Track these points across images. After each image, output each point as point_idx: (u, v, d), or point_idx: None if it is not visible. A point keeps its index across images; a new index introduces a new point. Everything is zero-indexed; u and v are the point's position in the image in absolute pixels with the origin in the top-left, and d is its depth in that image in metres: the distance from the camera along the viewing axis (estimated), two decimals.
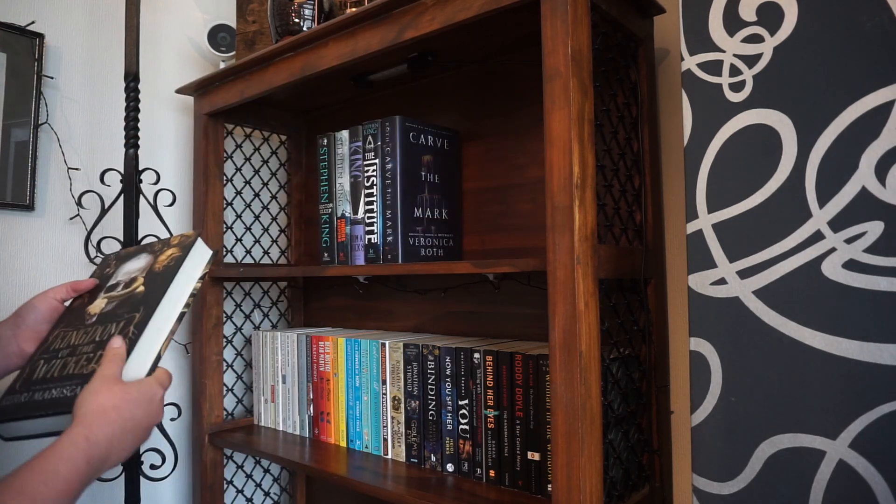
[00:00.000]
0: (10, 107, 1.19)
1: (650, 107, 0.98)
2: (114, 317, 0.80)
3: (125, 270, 0.88)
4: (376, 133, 1.11)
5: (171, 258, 0.84)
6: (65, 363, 0.77)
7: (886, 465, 0.59)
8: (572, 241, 0.75)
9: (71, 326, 0.83)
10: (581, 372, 0.75)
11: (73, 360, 0.76)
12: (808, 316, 0.64)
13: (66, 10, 1.30)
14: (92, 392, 0.66)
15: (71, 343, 0.80)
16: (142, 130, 1.29)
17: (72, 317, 0.86)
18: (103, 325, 0.79)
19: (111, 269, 0.92)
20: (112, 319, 0.79)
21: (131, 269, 0.88)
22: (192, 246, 0.85)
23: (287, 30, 1.15)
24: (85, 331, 0.80)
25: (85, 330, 0.81)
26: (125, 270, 0.88)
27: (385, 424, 1.12)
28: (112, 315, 0.80)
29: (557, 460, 0.76)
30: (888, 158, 0.60)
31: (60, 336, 0.82)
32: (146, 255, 0.89)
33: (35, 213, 1.25)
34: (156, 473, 1.26)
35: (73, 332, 0.82)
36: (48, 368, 0.78)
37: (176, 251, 0.85)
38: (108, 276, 0.90)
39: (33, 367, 0.80)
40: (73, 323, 0.84)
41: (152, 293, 0.80)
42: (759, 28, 0.68)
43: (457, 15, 0.88)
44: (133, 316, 0.78)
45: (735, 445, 0.67)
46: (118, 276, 0.88)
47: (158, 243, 0.91)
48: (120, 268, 0.90)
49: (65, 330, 0.83)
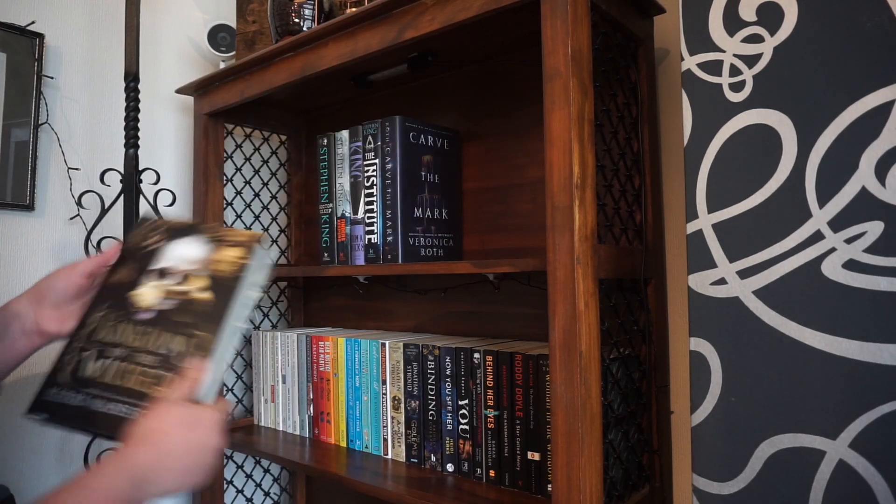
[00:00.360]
0: (10, 107, 1.19)
1: (650, 107, 0.98)
2: (178, 327, 0.71)
3: (177, 255, 0.76)
4: (376, 133, 1.11)
5: (237, 262, 0.73)
6: (123, 371, 0.69)
7: (886, 464, 0.59)
8: (572, 241, 0.75)
9: (119, 315, 0.73)
10: (581, 372, 0.75)
11: (133, 371, 0.69)
12: (808, 316, 0.63)
13: (66, 10, 1.30)
14: (147, 416, 0.63)
15: (125, 342, 0.71)
16: (142, 130, 1.29)
17: (115, 300, 0.75)
18: (166, 332, 0.71)
19: (155, 242, 0.78)
20: (176, 330, 0.71)
21: (185, 255, 0.76)
22: (258, 251, 0.75)
23: (287, 30, 1.15)
24: (142, 331, 0.72)
25: (142, 330, 0.72)
26: (177, 255, 0.76)
27: (385, 424, 1.12)
28: (175, 323, 0.71)
29: (557, 460, 0.76)
30: (888, 158, 0.60)
31: (107, 325, 0.73)
32: (202, 240, 0.76)
33: (35, 213, 1.25)
34: None
35: (124, 324, 0.72)
36: (101, 368, 0.70)
37: (241, 254, 0.74)
38: (151, 252, 0.77)
39: (78, 359, 0.72)
40: (121, 311, 0.74)
41: (221, 306, 0.70)
42: (759, 28, 0.68)
43: (457, 15, 0.88)
44: (205, 336, 0.69)
45: (735, 445, 0.67)
46: (168, 259, 0.76)
47: (212, 229, 0.78)
48: (169, 246, 0.77)
49: (111, 316, 0.73)
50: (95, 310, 0.75)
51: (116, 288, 0.76)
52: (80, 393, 0.70)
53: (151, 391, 0.67)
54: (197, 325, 0.70)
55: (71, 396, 0.70)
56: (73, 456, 1.29)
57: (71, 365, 0.72)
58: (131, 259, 0.78)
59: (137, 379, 0.69)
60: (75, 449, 1.29)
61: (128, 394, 0.68)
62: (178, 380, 0.66)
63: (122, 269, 0.78)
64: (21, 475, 1.22)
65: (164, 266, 0.76)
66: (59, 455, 1.27)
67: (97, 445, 1.24)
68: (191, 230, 0.78)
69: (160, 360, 0.69)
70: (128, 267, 0.77)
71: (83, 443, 1.27)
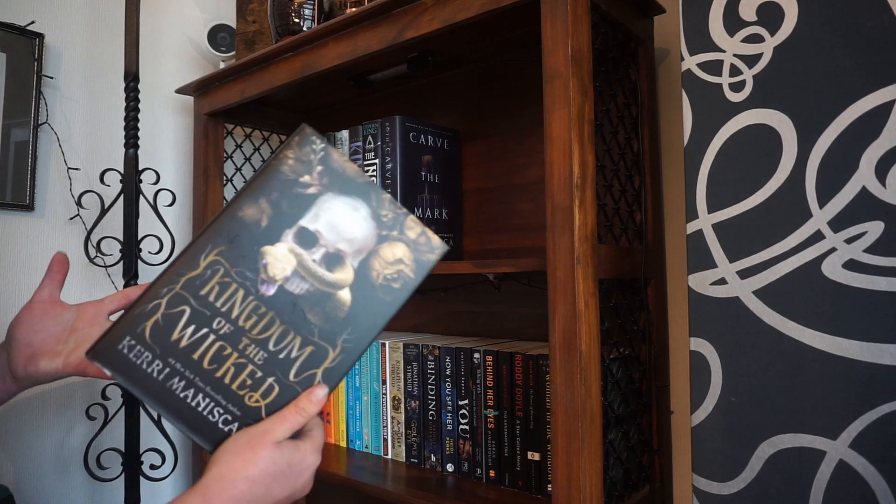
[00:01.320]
0: (9, 107, 1.19)
1: (650, 107, 0.98)
2: (302, 327, 0.56)
3: (333, 220, 0.57)
4: (376, 133, 1.11)
5: (398, 270, 0.57)
6: (220, 355, 0.55)
7: (886, 465, 0.59)
8: (572, 241, 0.75)
9: (238, 272, 0.55)
10: (581, 372, 0.75)
11: (233, 360, 0.55)
12: (808, 316, 0.63)
13: (66, 10, 1.30)
14: (234, 451, 0.53)
15: (233, 314, 0.55)
16: (141, 130, 1.29)
17: (237, 246, 0.56)
18: (284, 323, 0.56)
19: (312, 183, 0.57)
20: (301, 329, 0.56)
21: (343, 227, 0.57)
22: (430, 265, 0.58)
23: (287, 30, 1.15)
24: (257, 308, 0.55)
25: (257, 306, 0.55)
26: (333, 220, 0.57)
27: (385, 424, 1.12)
28: (299, 317, 0.56)
29: (557, 460, 0.76)
30: (888, 158, 0.60)
31: (217, 277, 0.55)
32: (368, 214, 0.57)
33: (35, 213, 1.25)
34: (156, 473, 1.26)
35: (239, 288, 0.55)
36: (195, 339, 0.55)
37: (407, 263, 0.57)
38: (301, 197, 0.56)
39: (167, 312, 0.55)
40: (240, 266, 0.55)
41: (363, 325, 0.56)
42: (760, 28, 0.68)
43: (456, 15, 0.88)
44: (335, 359, 0.56)
45: (735, 445, 0.67)
46: (319, 220, 0.56)
47: (386, 205, 0.58)
48: (326, 199, 0.57)
49: (225, 268, 0.55)
50: (206, 247, 0.56)
51: (245, 227, 0.56)
52: (161, 361, 0.55)
53: (249, 400, 0.55)
54: (325, 334, 0.56)
55: (148, 360, 0.55)
56: (72, 456, 1.29)
57: (156, 315, 0.55)
58: (273, 190, 0.56)
59: (235, 374, 0.55)
60: (75, 449, 1.29)
61: (222, 392, 0.55)
62: (288, 412, 0.55)
63: (258, 200, 0.56)
64: (21, 475, 1.22)
65: (312, 228, 0.56)
66: (58, 455, 1.27)
67: (97, 445, 1.24)
68: (361, 191, 0.57)
69: (267, 360, 0.55)
70: (267, 201, 0.56)
71: (83, 443, 1.27)
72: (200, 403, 0.55)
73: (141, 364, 0.55)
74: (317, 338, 0.56)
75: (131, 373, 0.55)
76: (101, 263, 1.30)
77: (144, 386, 0.55)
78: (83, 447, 1.25)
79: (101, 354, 0.55)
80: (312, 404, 0.55)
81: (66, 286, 1.28)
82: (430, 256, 0.58)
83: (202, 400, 0.55)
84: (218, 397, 0.55)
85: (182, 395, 0.55)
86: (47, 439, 1.26)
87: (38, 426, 1.25)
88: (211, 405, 0.55)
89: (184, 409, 0.55)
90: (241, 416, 0.55)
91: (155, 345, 0.55)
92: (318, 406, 0.55)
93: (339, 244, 0.57)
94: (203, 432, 0.55)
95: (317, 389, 0.56)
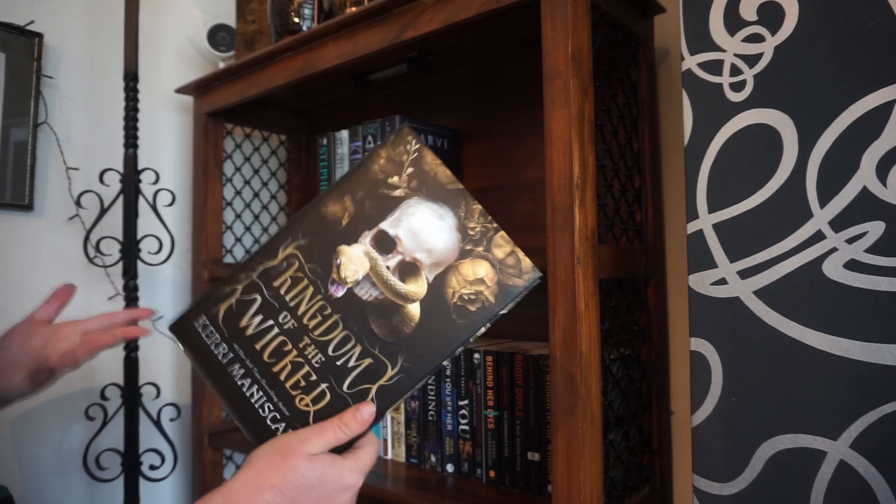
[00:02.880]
0: (9, 106, 1.19)
1: (650, 107, 0.98)
2: (364, 337, 0.53)
3: (415, 226, 0.53)
4: (376, 133, 1.11)
5: (477, 291, 0.53)
6: (280, 350, 0.54)
7: (887, 465, 0.59)
8: (573, 241, 0.75)
9: (312, 269, 0.54)
10: (581, 372, 0.75)
11: (290, 357, 0.53)
12: (808, 316, 0.63)
13: (66, 10, 1.30)
14: (267, 456, 0.50)
15: (300, 311, 0.53)
16: (141, 130, 1.29)
17: (318, 240, 0.54)
18: (347, 335, 0.53)
19: (401, 186, 0.54)
20: (362, 339, 0.53)
21: (424, 241, 0.53)
22: (518, 295, 0.54)
23: (287, 29, 1.15)
24: (322, 308, 0.53)
25: (323, 307, 0.53)
26: (415, 226, 0.53)
27: (385, 424, 1.12)
28: (363, 328, 0.53)
29: (557, 461, 0.76)
30: (889, 158, 0.60)
31: (291, 270, 0.54)
32: (454, 230, 0.54)
33: (34, 213, 1.24)
34: (155, 474, 1.26)
35: (309, 285, 0.54)
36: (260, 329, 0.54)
37: (489, 284, 0.53)
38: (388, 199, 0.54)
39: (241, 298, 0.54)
40: (315, 262, 0.54)
41: (428, 346, 0.52)
42: (760, 27, 0.68)
43: (456, 15, 0.88)
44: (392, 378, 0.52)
45: (736, 446, 0.67)
46: (401, 225, 0.53)
47: (475, 218, 0.54)
48: (413, 204, 0.54)
49: (301, 262, 0.54)
50: (290, 238, 0.54)
51: (325, 224, 0.54)
52: (227, 345, 0.54)
53: (300, 403, 0.53)
54: (387, 349, 0.52)
55: (216, 342, 0.55)
56: (72, 456, 1.28)
57: (231, 299, 0.55)
58: (360, 189, 0.54)
59: (291, 373, 0.53)
60: (74, 449, 1.29)
61: (276, 388, 0.53)
62: (329, 424, 0.52)
63: (343, 198, 0.54)
64: (20, 475, 1.22)
65: (392, 232, 0.54)
66: (58, 455, 1.27)
67: (96, 446, 1.24)
68: (449, 199, 0.54)
69: (324, 364, 0.53)
70: (352, 200, 0.54)
71: (82, 443, 1.27)
72: (254, 395, 0.54)
73: (210, 345, 0.55)
74: (377, 351, 0.53)
75: (201, 351, 0.55)
76: (100, 263, 1.30)
77: (209, 366, 0.55)
78: (82, 447, 1.25)
79: (179, 328, 0.56)
80: (356, 421, 0.52)
81: None
82: (517, 281, 0.53)
83: (256, 392, 0.54)
84: (271, 393, 0.54)
85: (240, 383, 0.54)
86: (46, 439, 1.26)
87: (38, 426, 1.24)
88: (263, 399, 0.54)
89: (238, 398, 0.54)
90: (289, 418, 0.53)
91: (225, 328, 0.55)
92: (361, 425, 0.52)
93: (417, 253, 0.53)
94: (251, 425, 0.54)
95: (364, 406, 0.52)
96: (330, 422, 0.52)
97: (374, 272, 0.53)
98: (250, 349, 0.54)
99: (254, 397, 0.54)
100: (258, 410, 0.54)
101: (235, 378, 0.54)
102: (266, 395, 0.54)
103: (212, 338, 0.55)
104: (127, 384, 1.22)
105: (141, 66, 1.33)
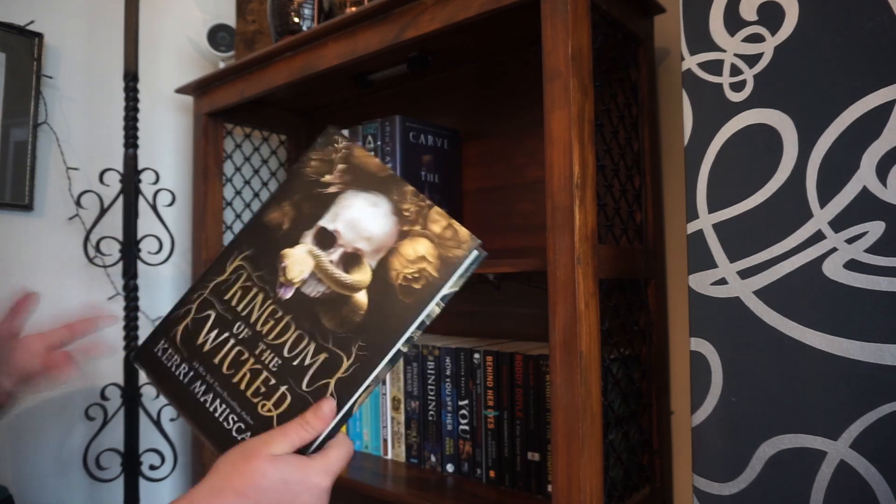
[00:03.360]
0: (9, 106, 1.19)
1: (650, 107, 0.98)
2: (317, 333, 0.53)
3: (353, 221, 0.55)
4: (376, 133, 1.11)
5: (420, 268, 0.53)
6: (238, 360, 0.54)
7: (887, 465, 0.59)
8: (573, 241, 0.75)
9: (259, 276, 0.55)
10: (581, 372, 0.75)
11: (248, 366, 0.54)
12: (808, 316, 0.63)
13: (66, 10, 1.30)
14: (231, 461, 0.50)
15: (252, 318, 0.54)
16: (141, 130, 1.29)
17: (261, 249, 0.56)
18: (298, 329, 0.53)
19: (334, 182, 0.56)
20: (315, 335, 0.53)
21: (363, 230, 0.54)
22: (462, 267, 0.53)
23: (287, 29, 1.15)
24: (274, 312, 0.54)
25: (274, 311, 0.54)
26: (353, 221, 0.55)
27: (385, 425, 1.12)
28: (313, 322, 0.53)
29: (557, 460, 0.76)
30: (889, 158, 0.60)
31: (240, 282, 0.55)
32: (390, 214, 0.54)
33: (34, 213, 1.24)
34: (155, 474, 1.26)
35: (259, 292, 0.55)
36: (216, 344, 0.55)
37: (430, 260, 0.53)
38: (324, 197, 0.56)
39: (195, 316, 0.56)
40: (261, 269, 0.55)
41: (379, 330, 0.52)
42: (760, 27, 0.68)
43: (456, 15, 0.88)
44: (348, 369, 0.51)
45: (736, 446, 0.67)
46: (339, 218, 0.55)
47: (407, 198, 0.55)
48: (348, 197, 0.55)
49: (248, 272, 0.55)
50: (235, 251, 0.56)
51: (268, 232, 0.56)
52: (186, 364, 0.55)
53: (262, 409, 0.53)
54: (340, 341, 0.52)
55: (177, 363, 0.56)
56: (72, 456, 1.28)
57: (186, 319, 0.56)
58: (297, 192, 0.56)
59: (250, 381, 0.54)
60: (74, 449, 1.29)
61: (238, 398, 0.54)
62: (290, 425, 0.51)
63: (281, 204, 0.56)
64: (20, 475, 1.22)
65: (331, 227, 0.55)
66: (58, 455, 1.27)
67: (96, 446, 1.24)
68: (381, 186, 0.55)
69: (281, 367, 0.53)
70: (290, 204, 0.56)
71: (82, 443, 1.27)
72: (217, 409, 0.54)
73: (171, 367, 0.56)
74: (331, 345, 0.52)
75: (162, 375, 0.56)
76: (100, 263, 1.30)
77: (170, 388, 0.55)
78: (82, 447, 1.25)
79: (141, 357, 0.57)
80: (317, 418, 0.51)
81: (67, 287, 1.28)
82: (458, 252, 0.53)
83: (219, 406, 0.54)
84: (234, 404, 0.54)
85: (202, 399, 0.54)
86: (47, 440, 1.26)
87: (38, 427, 1.24)
88: (227, 411, 0.54)
89: (202, 414, 0.54)
90: (254, 426, 0.53)
91: (184, 348, 0.56)
92: (323, 421, 0.51)
93: (358, 243, 0.54)
94: (217, 439, 0.54)
95: (323, 402, 0.51)
96: (293, 422, 0.52)
97: (318, 268, 0.54)
98: (209, 364, 0.55)
99: (217, 411, 0.54)
100: (222, 424, 0.54)
101: (198, 395, 0.55)
102: (229, 406, 0.54)
103: (171, 360, 0.56)
104: (127, 384, 1.22)
105: (141, 66, 1.33)
